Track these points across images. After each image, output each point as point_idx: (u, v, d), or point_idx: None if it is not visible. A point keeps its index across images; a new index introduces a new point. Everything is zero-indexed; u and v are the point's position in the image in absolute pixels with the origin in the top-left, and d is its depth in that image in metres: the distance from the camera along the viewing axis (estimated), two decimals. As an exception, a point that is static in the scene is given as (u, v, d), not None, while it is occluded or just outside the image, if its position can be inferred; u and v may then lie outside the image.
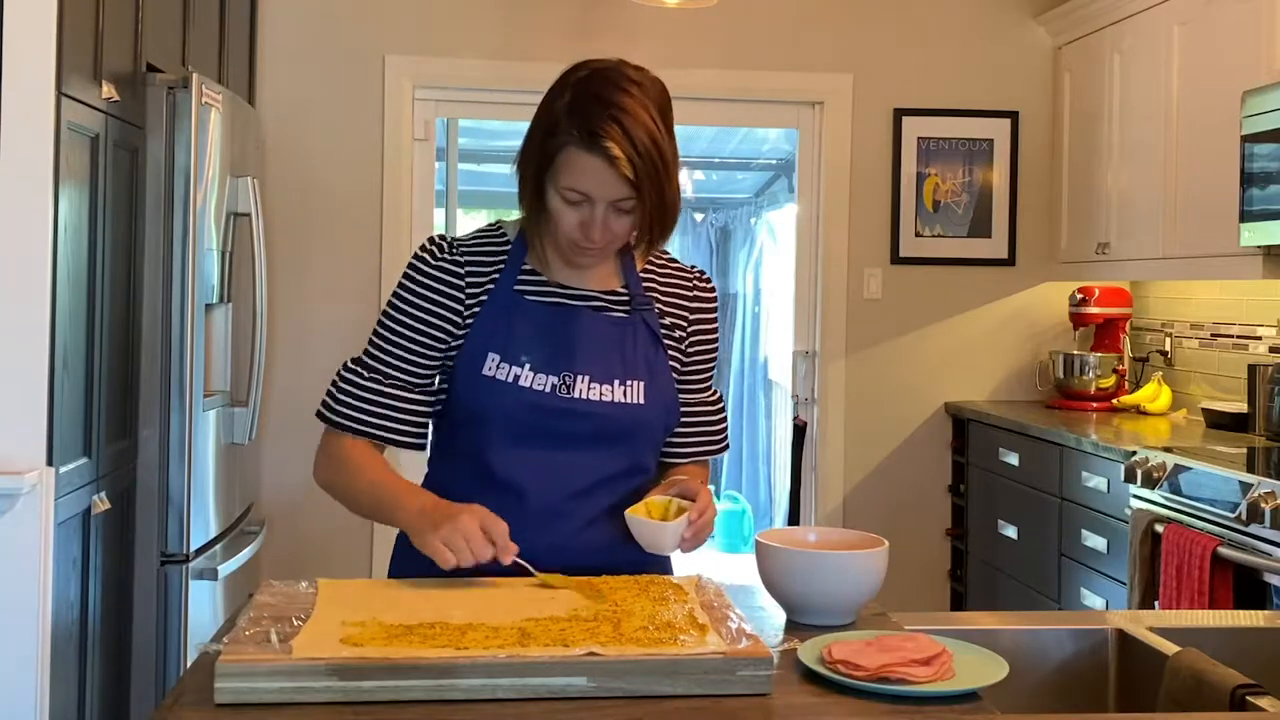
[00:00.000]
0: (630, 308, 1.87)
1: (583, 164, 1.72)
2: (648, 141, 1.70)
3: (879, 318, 5.00)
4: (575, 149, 1.72)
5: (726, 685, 1.36)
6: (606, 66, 1.78)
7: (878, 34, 4.97)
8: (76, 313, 2.97)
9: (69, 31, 2.82)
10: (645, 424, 1.85)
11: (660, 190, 1.73)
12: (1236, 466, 3.23)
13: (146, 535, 3.41)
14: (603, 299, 1.87)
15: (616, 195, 1.73)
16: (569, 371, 1.80)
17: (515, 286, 1.84)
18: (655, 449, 1.92)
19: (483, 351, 1.81)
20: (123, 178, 3.26)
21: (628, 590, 1.62)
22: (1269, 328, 4.11)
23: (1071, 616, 2.02)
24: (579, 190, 1.74)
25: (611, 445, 1.83)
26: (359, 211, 4.73)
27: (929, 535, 4.99)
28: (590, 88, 1.74)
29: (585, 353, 1.82)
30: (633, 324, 1.86)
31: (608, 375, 1.82)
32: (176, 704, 1.33)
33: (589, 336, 1.83)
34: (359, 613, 1.49)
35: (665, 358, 1.88)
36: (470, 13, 4.79)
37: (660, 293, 1.92)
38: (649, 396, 1.84)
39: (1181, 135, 4.07)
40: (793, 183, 5.17)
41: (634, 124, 1.70)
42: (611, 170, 1.70)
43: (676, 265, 1.97)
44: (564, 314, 1.84)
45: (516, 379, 1.79)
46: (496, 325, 1.82)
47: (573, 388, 1.80)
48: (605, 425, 1.82)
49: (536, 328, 1.82)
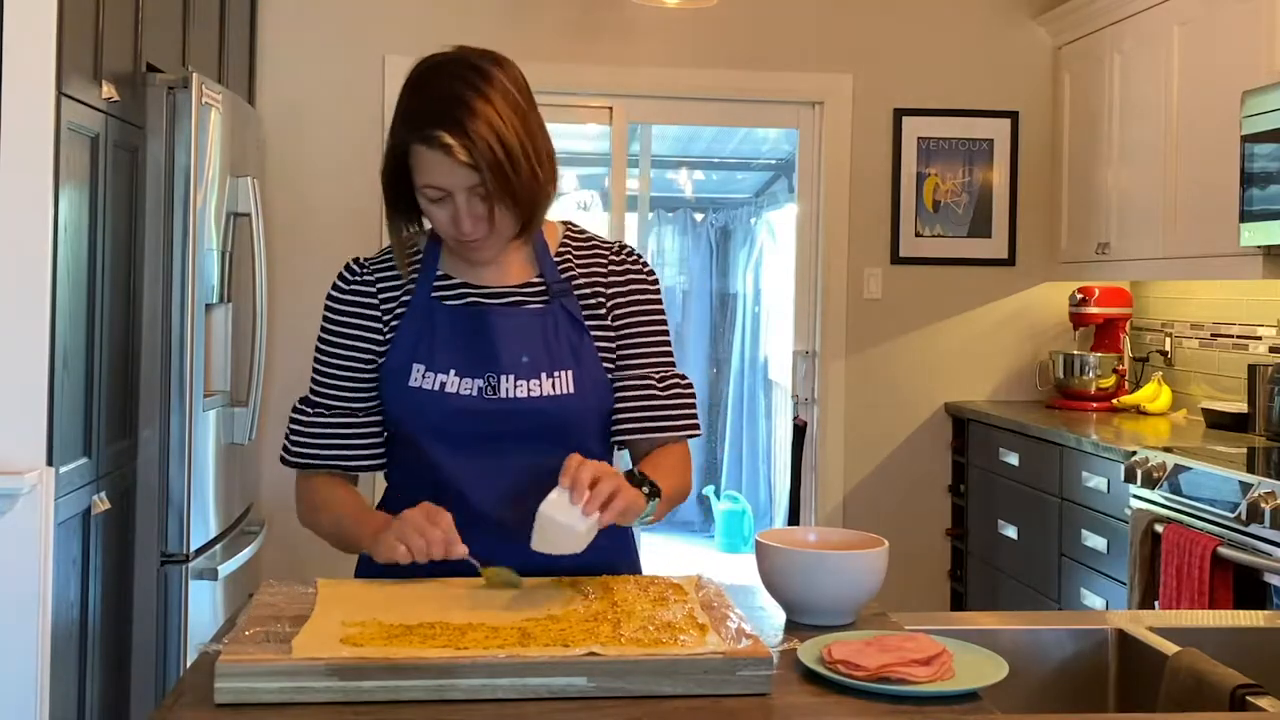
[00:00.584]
0: (548, 297, 1.84)
1: (426, 159, 1.70)
2: (484, 127, 1.67)
3: (879, 318, 5.00)
4: (417, 146, 1.70)
5: (726, 685, 1.36)
6: (440, 60, 1.77)
7: (878, 34, 4.97)
8: (76, 313, 2.97)
9: (69, 31, 2.82)
10: (579, 412, 1.81)
11: (505, 174, 1.68)
12: (1236, 466, 3.23)
13: (146, 535, 3.41)
14: (519, 292, 1.84)
15: (467, 183, 1.70)
16: (493, 372, 1.78)
17: (431, 295, 1.82)
18: (599, 436, 1.87)
19: (407, 363, 1.79)
20: (123, 178, 3.26)
21: (627, 590, 1.62)
22: (1269, 328, 4.11)
23: (1071, 616, 2.02)
24: (433, 186, 1.72)
25: (550, 440, 1.78)
26: (359, 212, 4.73)
27: (929, 535, 4.99)
28: (422, 85, 1.74)
29: (507, 351, 1.79)
30: (552, 313, 1.83)
31: (534, 370, 1.79)
32: (176, 704, 1.33)
33: (509, 333, 1.80)
34: (359, 613, 1.49)
35: (591, 342, 1.84)
36: (470, 13, 4.79)
37: (578, 272, 1.87)
38: (578, 384, 1.80)
39: (1181, 135, 4.07)
40: (793, 183, 5.17)
41: (466, 111, 1.67)
42: (451, 160, 1.68)
43: (595, 242, 1.92)
44: (481, 314, 1.81)
45: (443, 386, 1.78)
46: (417, 335, 1.80)
47: (499, 388, 1.77)
48: (539, 421, 1.78)
49: (456, 332, 1.80)
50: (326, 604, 1.54)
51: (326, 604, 1.54)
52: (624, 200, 5.05)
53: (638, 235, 5.26)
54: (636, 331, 1.89)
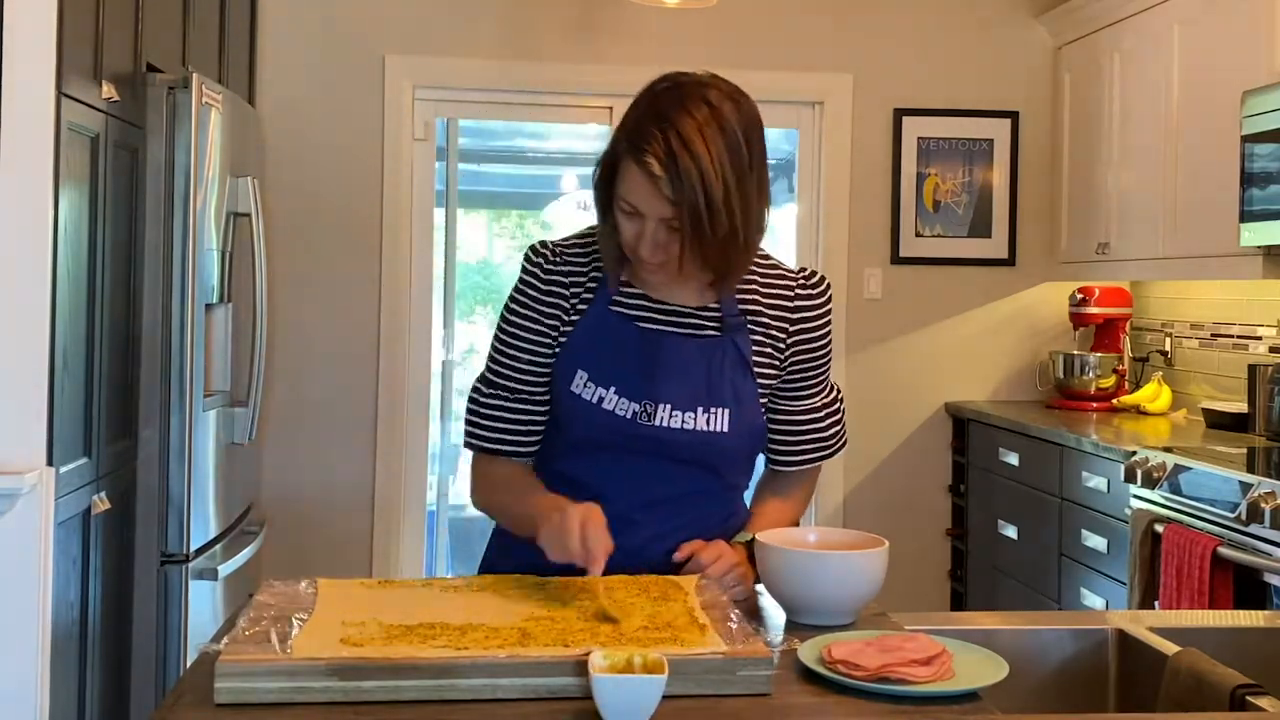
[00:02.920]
0: (721, 329, 1.83)
1: (631, 175, 1.70)
2: (693, 166, 1.65)
3: (879, 318, 5.00)
4: (627, 160, 1.70)
5: (726, 685, 1.36)
6: (685, 81, 1.74)
7: (878, 34, 4.97)
8: (76, 313, 2.97)
9: (69, 31, 2.82)
10: (727, 451, 1.84)
11: (700, 221, 1.66)
12: (1236, 466, 3.23)
13: (146, 535, 3.41)
14: (696, 316, 1.83)
15: (662, 213, 1.69)
16: (651, 400, 1.79)
17: (610, 304, 1.82)
18: (744, 469, 1.91)
19: (572, 368, 1.81)
20: (123, 178, 3.26)
21: (627, 590, 1.62)
22: (1269, 328, 4.11)
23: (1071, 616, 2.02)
24: (629, 202, 1.71)
25: (696, 466, 1.83)
26: (359, 211, 4.73)
27: (929, 535, 4.99)
28: (657, 101, 1.72)
29: (670, 380, 1.80)
30: (722, 347, 1.82)
31: (691, 403, 1.80)
32: (176, 704, 1.33)
33: (675, 362, 1.80)
34: (359, 613, 1.49)
35: (754, 383, 1.84)
36: (470, 13, 4.79)
37: (762, 302, 1.86)
38: (733, 425, 1.82)
39: (1181, 135, 4.07)
40: (793, 183, 5.17)
41: (683, 145, 1.65)
42: (653, 187, 1.67)
43: (780, 271, 1.90)
44: (653, 337, 1.81)
45: (601, 400, 1.80)
46: (588, 343, 1.82)
47: (654, 415, 1.79)
48: (685, 452, 1.81)
49: (625, 350, 1.81)
50: (326, 604, 1.54)
51: (326, 604, 1.54)
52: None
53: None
54: (809, 362, 1.90)
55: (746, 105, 1.75)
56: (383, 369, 4.76)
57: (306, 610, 1.51)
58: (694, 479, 1.84)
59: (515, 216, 7.21)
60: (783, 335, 1.87)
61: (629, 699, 1.26)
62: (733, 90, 1.76)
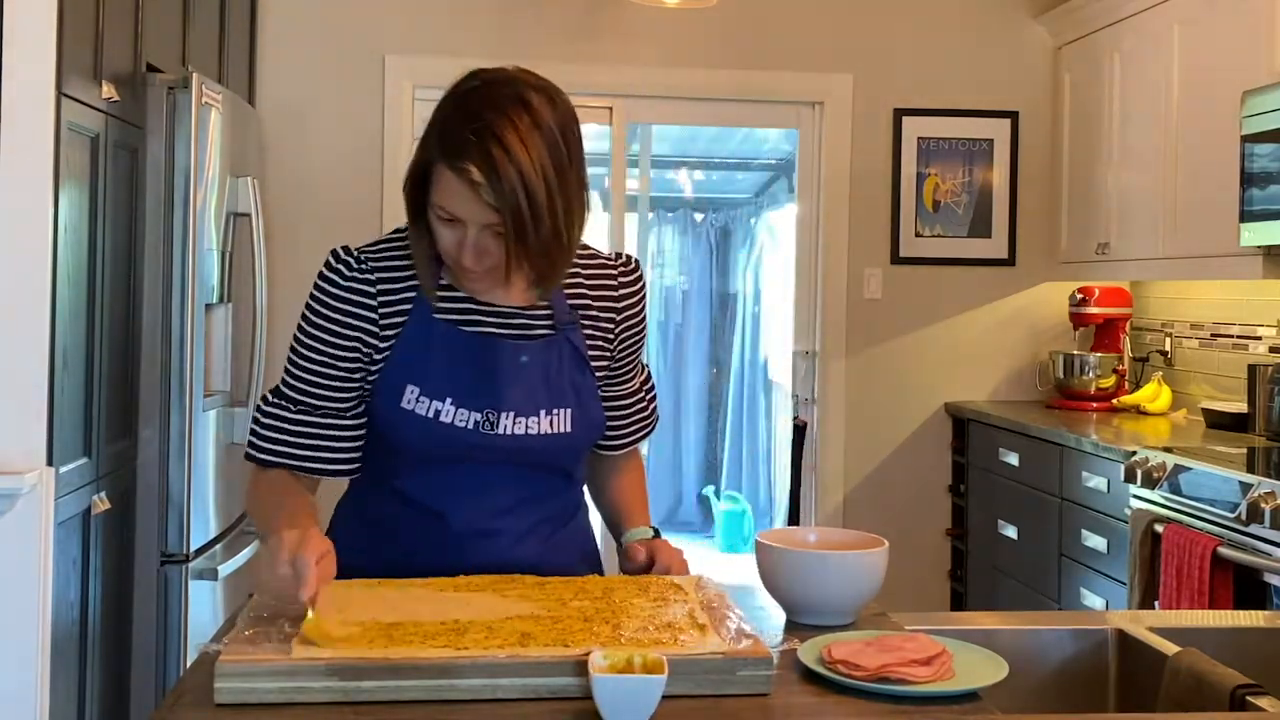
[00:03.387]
0: (554, 326, 1.77)
1: (449, 184, 1.61)
2: (513, 172, 1.57)
3: (879, 318, 5.00)
4: (442, 167, 1.61)
5: (726, 685, 1.36)
6: (496, 80, 1.65)
7: (878, 34, 4.97)
8: (76, 313, 2.97)
9: (69, 31, 2.82)
10: (572, 450, 1.81)
11: (524, 225, 1.59)
12: (1236, 466, 3.23)
13: (146, 535, 3.41)
14: (525, 316, 1.76)
15: (484, 220, 1.61)
16: (493, 409, 1.71)
17: (434, 312, 1.72)
18: (581, 459, 1.88)
19: (401, 383, 1.71)
20: (123, 178, 3.26)
21: (627, 590, 1.62)
22: (1269, 328, 4.11)
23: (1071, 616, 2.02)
24: (447, 210, 1.62)
25: (537, 468, 1.79)
26: (359, 212, 4.73)
27: (929, 535, 4.99)
28: (469, 104, 1.63)
29: (509, 386, 1.72)
30: (557, 345, 1.76)
31: (533, 407, 1.73)
32: (176, 704, 1.33)
33: (512, 368, 1.72)
34: (359, 613, 1.49)
35: (592, 377, 1.80)
36: (470, 13, 4.79)
37: (589, 295, 1.81)
38: (575, 423, 1.77)
39: (1181, 135, 4.07)
40: (793, 183, 5.17)
41: (502, 150, 1.57)
42: (473, 194, 1.59)
43: (600, 260, 1.85)
44: (485, 342, 1.73)
45: (438, 414, 1.70)
46: (415, 355, 1.71)
47: (497, 424, 1.72)
48: (533, 456, 1.76)
49: (457, 359, 1.71)
50: (327, 604, 1.54)
51: (327, 604, 1.54)
52: (624, 200, 5.05)
53: (637, 235, 5.26)
54: (635, 344, 1.90)
55: (561, 100, 1.68)
56: (383, 369, 4.75)
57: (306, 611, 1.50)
58: (542, 481, 1.79)
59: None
60: (611, 325, 1.83)
61: (629, 699, 1.26)
62: (547, 85, 1.68)
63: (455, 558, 1.72)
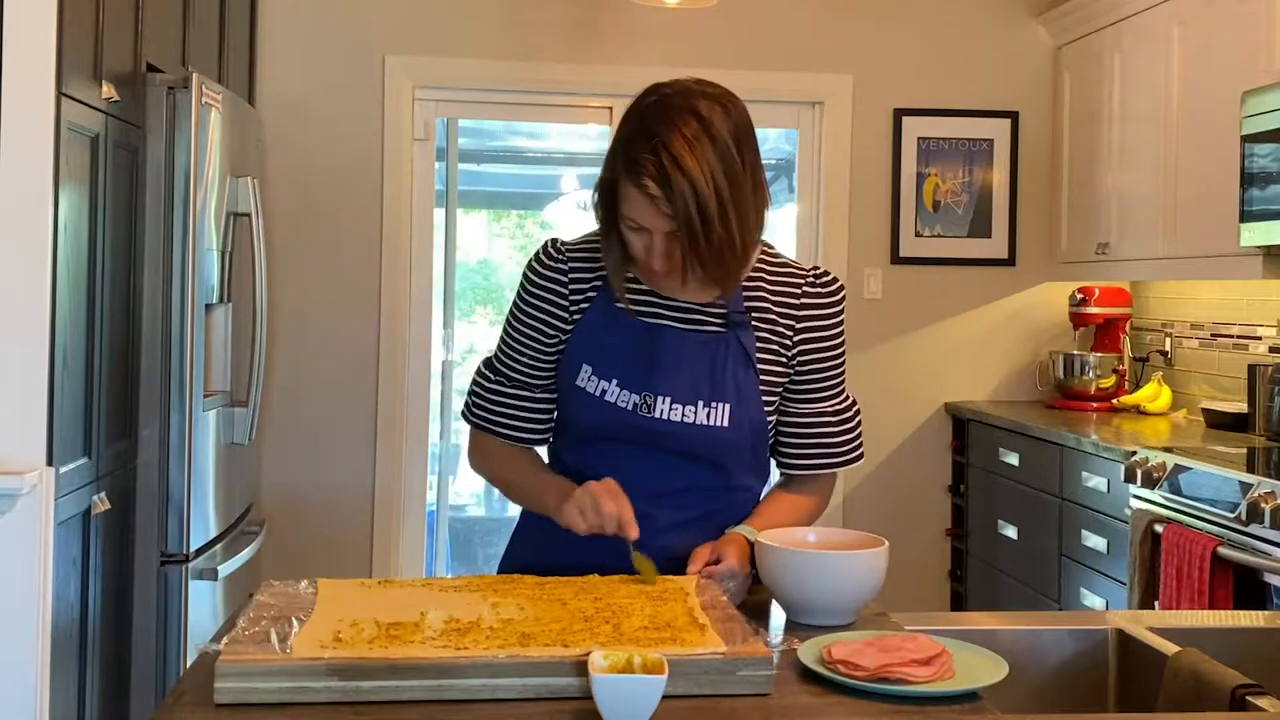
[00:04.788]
0: (726, 325, 1.85)
1: (631, 196, 1.73)
2: (685, 183, 1.67)
3: (879, 318, 5.00)
4: (624, 180, 1.73)
5: (726, 685, 1.36)
6: (671, 94, 1.76)
7: (878, 34, 4.97)
8: (76, 313, 2.97)
9: (69, 31, 2.82)
10: (728, 446, 1.85)
11: (696, 233, 1.69)
12: (1236, 466, 3.23)
13: (146, 535, 3.41)
14: (700, 312, 1.86)
15: (666, 228, 1.72)
16: (650, 392, 1.82)
17: (616, 299, 1.84)
18: (751, 469, 1.91)
19: (578, 362, 1.86)
20: (123, 178, 3.26)
21: (628, 590, 1.62)
22: (1269, 328, 4.11)
23: (1071, 616, 2.02)
24: (633, 220, 1.75)
25: (700, 461, 1.85)
26: (359, 211, 4.73)
27: (929, 535, 4.99)
28: (645, 119, 1.74)
29: (670, 372, 1.83)
30: (725, 342, 1.85)
31: (692, 396, 1.82)
32: (176, 704, 1.33)
33: (676, 355, 1.83)
34: (359, 613, 1.49)
35: (757, 379, 1.85)
36: (470, 13, 4.79)
37: (769, 299, 1.88)
38: (734, 419, 1.83)
39: (1181, 135, 4.07)
40: (793, 183, 5.17)
41: (674, 162, 1.68)
42: (652, 205, 1.71)
43: (790, 269, 1.91)
44: (654, 331, 1.84)
45: (603, 393, 1.84)
46: (593, 337, 1.85)
47: (654, 408, 1.82)
48: (687, 445, 1.83)
49: (626, 343, 1.84)
50: (326, 604, 1.54)
51: (326, 604, 1.54)
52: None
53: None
54: (821, 361, 1.90)
55: (735, 109, 1.77)
56: (382, 369, 4.76)
57: (306, 610, 1.51)
58: (696, 474, 1.86)
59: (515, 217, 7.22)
60: (789, 333, 1.88)
61: (629, 699, 1.27)
62: (721, 94, 1.77)
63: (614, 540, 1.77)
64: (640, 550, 1.72)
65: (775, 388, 1.88)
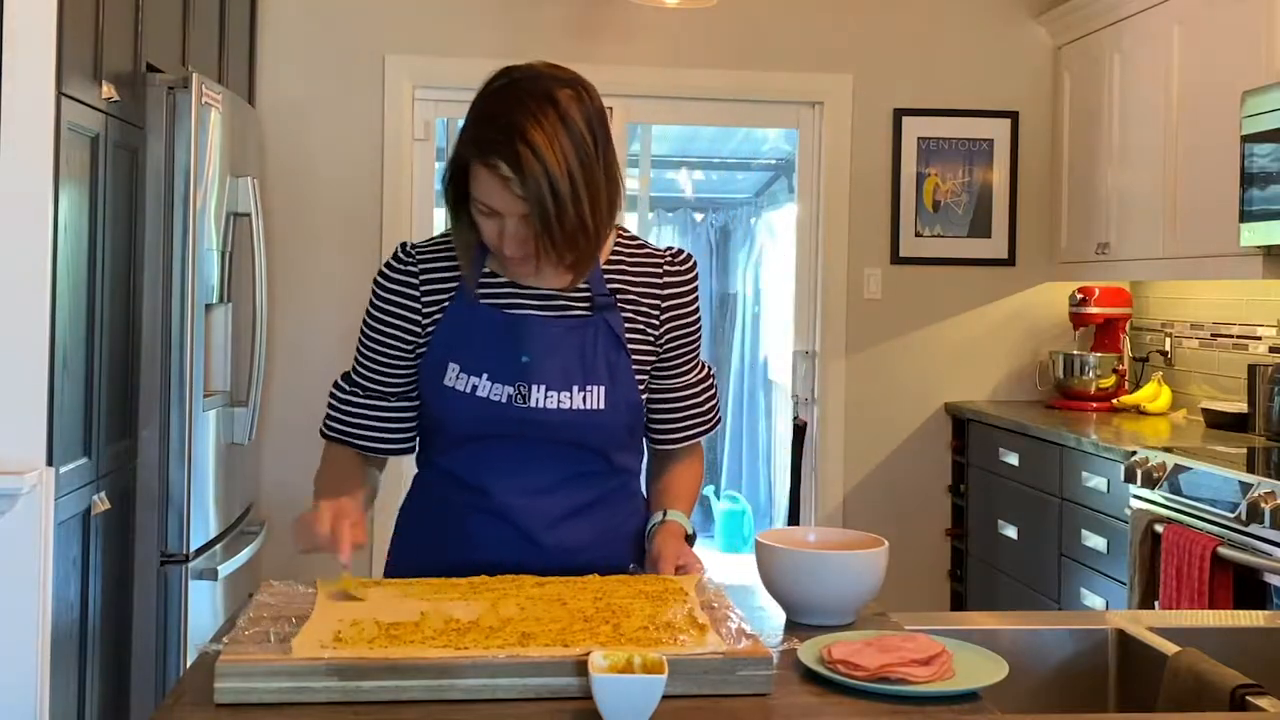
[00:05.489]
0: (592, 309, 1.84)
1: (482, 179, 1.70)
2: (539, 167, 1.66)
3: (879, 318, 5.00)
4: (476, 163, 1.70)
5: (726, 685, 1.36)
6: (523, 77, 1.73)
7: (878, 34, 4.97)
8: (76, 313, 2.97)
9: (69, 31, 2.82)
10: (606, 429, 1.84)
11: (549, 215, 1.68)
12: (1236, 466, 3.23)
13: (146, 535, 3.41)
14: (564, 297, 1.84)
15: (518, 211, 1.70)
16: (524, 382, 1.79)
17: (475, 294, 1.82)
18: (628, 449, 1.92)
19: (443, 362, 1.82)
20: (123, 178, 3.26)
21: (628, 590, 1.62)
22: (1269, 328, 4.11)
23: (1071, 616, 2.02)
24: (485, 204, 1.72)
25: (577, 447, 1.84)
26: (359, 211, 4.73)
27: (929, 535, 4.99)
28: (497, 102, 1.71)
29: (542, 361, 1.80)
30: (594, 325, 1.83)
31: (566, 382, 1.80)
32: (176, 704, 1.33)
33: (545, 343, 1.81)
34: (359, 613, 1.49)
35: (629, 359, 1.85)
36: (470, 12, 4.79)
37: (631, 281, 1.88)
38: (609, 401, 1.82)
39: (1181, 135, 4.07)
40: (793, 183, 5.18)
41: (528, 146, 1.66)
42: (505, 188, 1.68)
43: (648, 250, 1.93)
44: (521, 321, 1.81)
45: (474, 389, 1.80)
46: (455, 334, 1.82)
47: (529, 397, 1.79)
48: (564, 432, 1.82)
49: (494, 337, 1.81)
50: (326, 604, 1.54)
51: (326, 604, 1.54)
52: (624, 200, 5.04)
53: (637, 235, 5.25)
54: (684, 337, 1.93)
55: (589, 95, 1.76)
56: (383, 369, 4.75)
57: (306, 610, 1.51)
58: (577, 461, 1.85)
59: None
60: (655, 313, 1.89)
61: (629, 699, 1.27)
62: (573, 80, 1.76)
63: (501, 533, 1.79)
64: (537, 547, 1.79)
65: (645, 367, 1.88)
